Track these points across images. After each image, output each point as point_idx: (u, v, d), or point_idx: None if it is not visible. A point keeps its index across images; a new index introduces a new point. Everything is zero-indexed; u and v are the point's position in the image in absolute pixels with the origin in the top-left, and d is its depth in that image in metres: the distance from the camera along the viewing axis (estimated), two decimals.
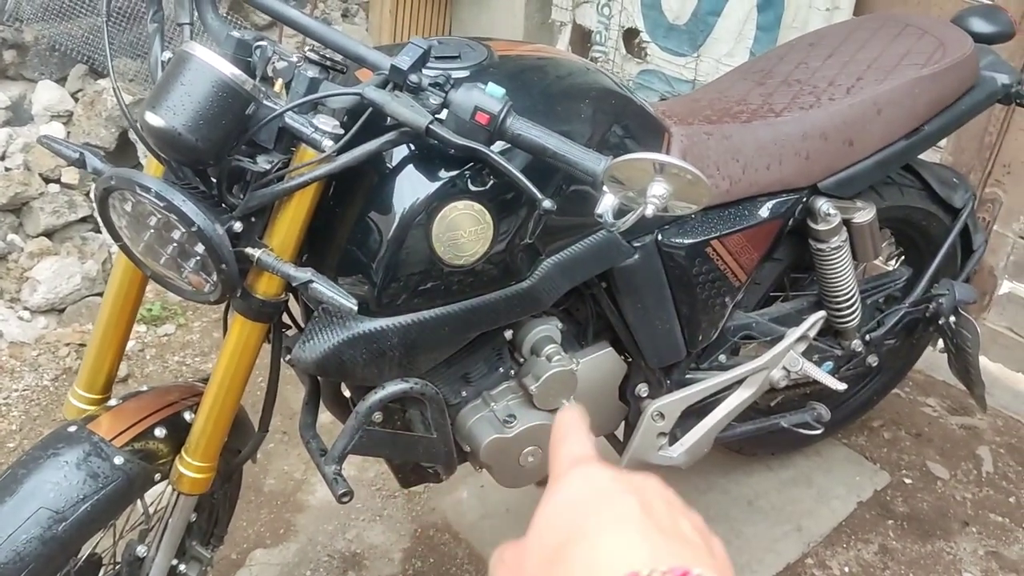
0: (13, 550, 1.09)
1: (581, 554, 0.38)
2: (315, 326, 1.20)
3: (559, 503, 0.42)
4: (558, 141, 1.03)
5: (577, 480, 0.43)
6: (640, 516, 0.39)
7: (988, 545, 2.00)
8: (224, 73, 0.97)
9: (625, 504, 0.40)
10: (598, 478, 0.43)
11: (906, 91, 1.58)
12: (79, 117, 2.67)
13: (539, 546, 0.41)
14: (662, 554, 0.37)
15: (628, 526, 0.39)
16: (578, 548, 0.38)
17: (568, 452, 0.47)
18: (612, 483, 0.42)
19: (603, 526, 0.39)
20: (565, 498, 0.42)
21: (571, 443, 0.47)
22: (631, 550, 0.37)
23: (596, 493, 0.41)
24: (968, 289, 1.86)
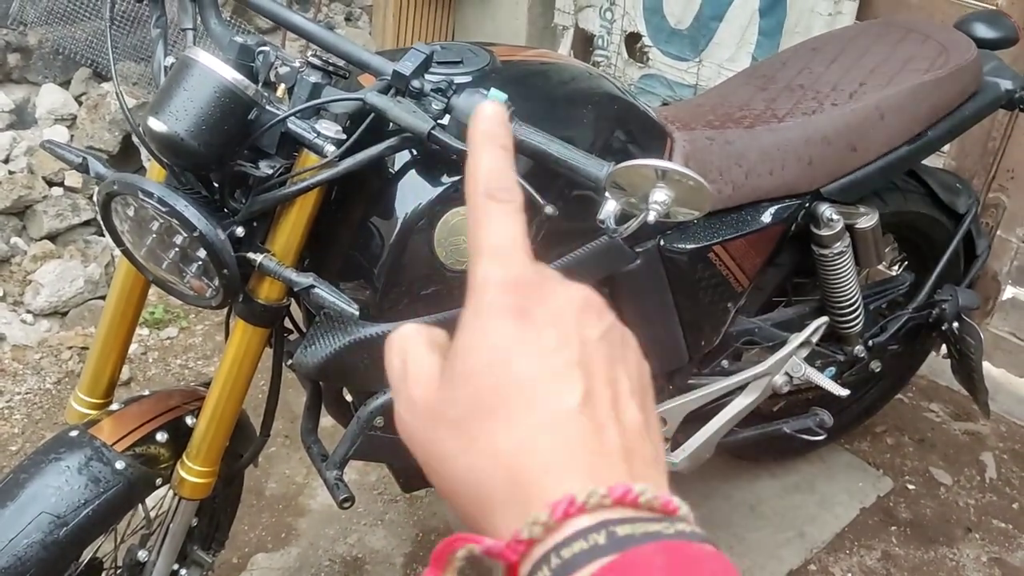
0: (14, 555, 1.09)
1: (510, 454, 0.33)
2: (317, 331, 1.20)
3: (484, 352, 0.34)
4: (560, 147, 1.03)
5: (507, 324, 0.35)
6: (579, 414, 0.33)
7: (991, 552, 1.99)
8: (227, 78, 0.97)
9: (566, 393, 0.34)
10: (535, 328, 0.35)
11: (909, 96, 1.58)
12: (83, 121, 2.68)
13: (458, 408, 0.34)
14: (603, 467, 0.33)
15: (565, 430, 0.33)
16: (506, 443, 0.33)
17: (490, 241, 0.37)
18: (553, 343, 0.34)
19: (534, 424, 0.33)
20: (491, 346, 0.34)
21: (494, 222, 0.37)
22: (567, 463, 0.32)
23: (534, 359, 0.34)
24: (971, 295, 1.86)
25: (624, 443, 0.34)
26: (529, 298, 0.35)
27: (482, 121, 0.39)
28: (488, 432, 0.33)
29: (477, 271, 0.36)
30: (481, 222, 0.37)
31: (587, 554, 0.31)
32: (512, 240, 0.37)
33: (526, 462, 0.33)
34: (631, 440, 0.35)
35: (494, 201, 0.37)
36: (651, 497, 0.32)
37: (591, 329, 0.36)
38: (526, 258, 0.37)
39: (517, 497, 0.32)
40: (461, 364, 0.35)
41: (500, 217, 0.37)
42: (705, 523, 0.36)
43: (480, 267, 0.36)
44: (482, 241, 0.37)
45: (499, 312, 0.35)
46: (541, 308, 0.35)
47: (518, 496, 0.32)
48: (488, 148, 0.38)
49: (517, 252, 0.37)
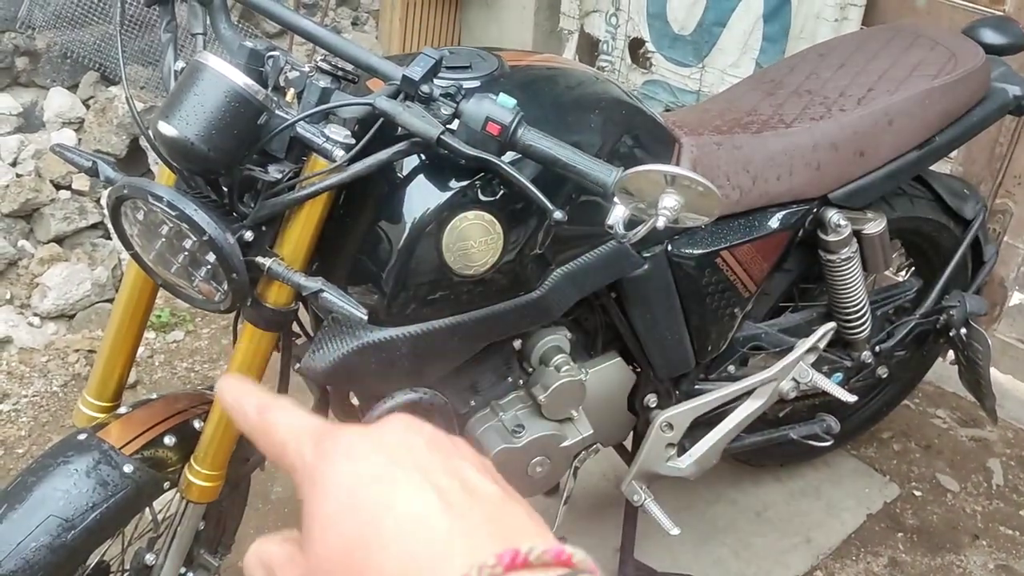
0: (22, 558, 1.09)
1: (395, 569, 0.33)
2: (325, 335, 1.20)
3: (329, 512, 0.35)
4: (569, 152, 1.03)
5: (334, 477, 0.36)
6: (439, 510, 0.34)
7: (998, 559, 1.98)
8: (237, 83, 0.97)
9: (419, 501, 0.34)
10: (362, 463, 0.36)
11: (917, 102, 1.58)
12: (90, 124, 2.68)
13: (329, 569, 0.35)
14: (479, 544, 0.33)
15: (431, 527, 0.34)
16: (386, 560, 0.33)
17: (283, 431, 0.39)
18: (383, 466, 0.36)
19: (404, 537, 0.33)
20: (334, 504, 0.35)
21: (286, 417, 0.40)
22: (447, 553, 0.33)
23: (374, 489, 0.35)
24: (979, 301, 1.85)
25: (492, 514, 0.35)
26: (345, 440, 0.37)
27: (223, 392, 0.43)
28: (369, 561, 0.33)
29: (287, 457, 0.39)
30: (268, 429, 0.40)
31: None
32: (300, 417, 0.40)
33: (413, 568, 0.33)
34: (497, 509, 0.35)
35: (269, 410, 0.41)
36: (541, 552, 0.32)
37: (414, 440, 0.37)
38: (320, 421, 0.39)
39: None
40: (316, 524, 0.36)
41: (281, 414, 0.40)
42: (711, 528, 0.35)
43: (288, 451, 0.39)
44: (279, 441, 0.39)
45: (326, 463, 0.37)
46: (359, 441, 0.37)
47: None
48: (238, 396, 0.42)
49: (310, 420, 0.39)
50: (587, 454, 1.48)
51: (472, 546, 0.33)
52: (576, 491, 1.55)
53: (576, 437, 1.40)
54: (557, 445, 1.39)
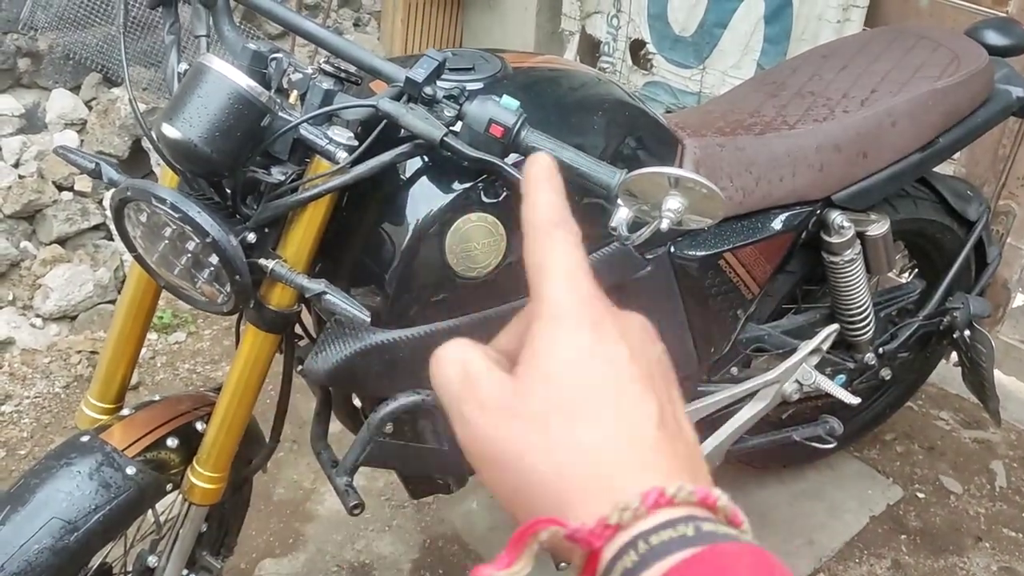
0: (25, 560, 1.09)
1: (595, 448, 0.35)
2: (327, 337, 1.20)
3: (564, 357, 0.37)
4: (572, 154, 1.03)
5: (585, 333, 0.37)
6: (657, 421, 0.36)
7: (1002, 561, 1.98)
8: (240, 85, 0.97)
9: (644, 401, 0.36)
10: (611, 340, 0.37)
11: (920, 103, 1.58)
12: (93, 125, 2.69)
13: (538, 405, 0.36)
14: (680, 470, 0.35)
15: (646, 430, 0.36)
16: (590, 437, 0.35)
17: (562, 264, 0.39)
18: (627, 358, 0.37)
19: (619, 421, 0.35)
20: (571, 352, 0.37)
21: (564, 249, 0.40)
22: (649, 461, 0.35)
23: (610, 367, 0.37)
24: (982, 302, 1.85)
25: (690, 455, 0.37)
26: (600, 315, 0.38)
27: (536, 165, 0.42)
28: (570, 427, 0.35)
29: (546, 290, 0.39)
30: (547, 248, 0.40)
31: (676, 543, 0.32)
32: (579, 265, 0.40)
33: (610, 457, 0.35)
34: (694, 454, 0.37)
35: (559, 230, 0.40)
36: (726, 504, 0.35)
37: (652, 351, 0.39)
38: (592, 282, 0.40)
39: (601, 488, 0.34)
40: (538, 366, 0.37)
41: (566, 245, 0.40)
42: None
43: (551, 286, 0.39)
44: (551, 264, 0.39)
45: (575, 323, 0.38)
46: (611, 324, 0.38)
47: (602, 487, 0.34)
48: (545, 186, 0.41)
49: (586, 276, 0.39)
50: None
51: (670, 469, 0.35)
52: None
53: None
54: None
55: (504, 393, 0.37)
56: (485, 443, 0.37)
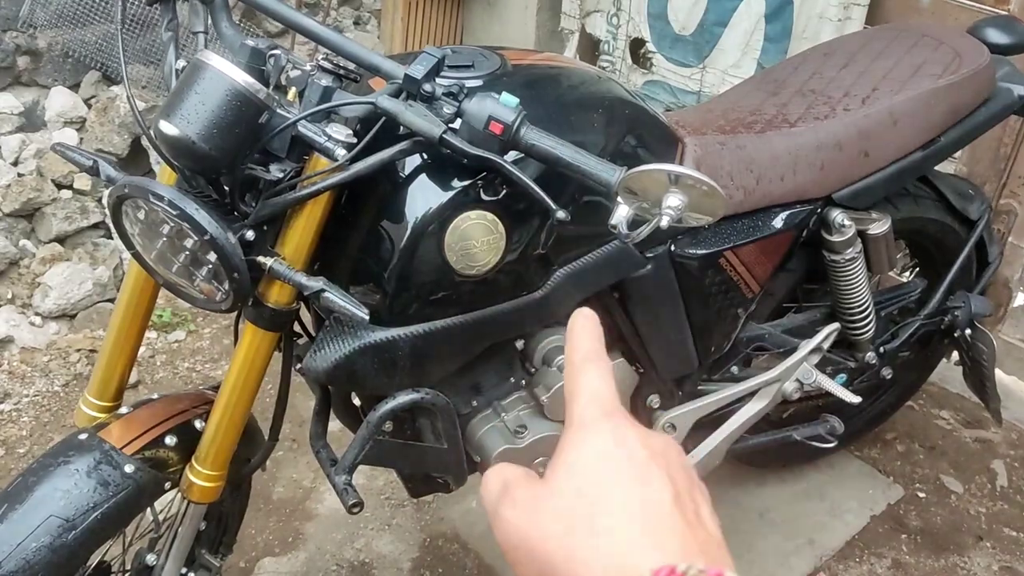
0: (23, 558, 1.08)
1: (610, 531, 0.38)
2: (326, 335, 1.19)
3: (587, 458, 0.41)
4: (572, 151, 1.02)
5: (607, 437, 0.42)
6: (671, 506, 0.39)
7: (1003, 560, 1.98)
8: (238, 82, 0.97)
9: (659, 489, 0.40)
10: (631, 442, 0.42)
11: (922, 102, 1.57)
12: (92, 123, 2.68)
13: (562, 500, 0.40)
14: (692, 551, 0.37)
15: (661, 515, 0.39)
16: (607, 522, 0.38)
17: (590, 388, 0.45)
18: (645, 457, 0.41)
19: (635, 508, 0.39)
20: (594, 454, 0.41)
21: (596, 377, 0.45)
22: (663, 542, 0.37)
23: (629, 464, 0.41)
24: (984, 302, 1.84)
25: (711, 542, 0.39)
26: (624, 425, 0.43)
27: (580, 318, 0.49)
28: (589, 515, 0.39)
29: (575, 408, 0.44)
30: (580, 378, 0.46)
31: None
32: (608, 388, 0.45)
33: (624, 538, 0.38)
34: (715, 546, 0.39)
35: (592, 364, 0.46)
36: (697, 572, 0.36)
37: (675, 460, 0.43)
38: (618, 403, 0.45)
39: (614, 568, 0.37)
40: (564, 466, 0.42)
41: (596, 374, 0.46)
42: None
43: (579, 405, 0.44)
44: (581, 389, 0.45)
45: (601, 433, 0.43)
46: (634, 433, 0.43)
47: (615, 566, 0.37)
48: (585, 334, 0.47)
49: (613, 397, 0.45)
50: None
51: (685, 550, 0.37)
52: None
53: None
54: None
55: (535, 492, 0.42)
56: (514, 533, 0.41)
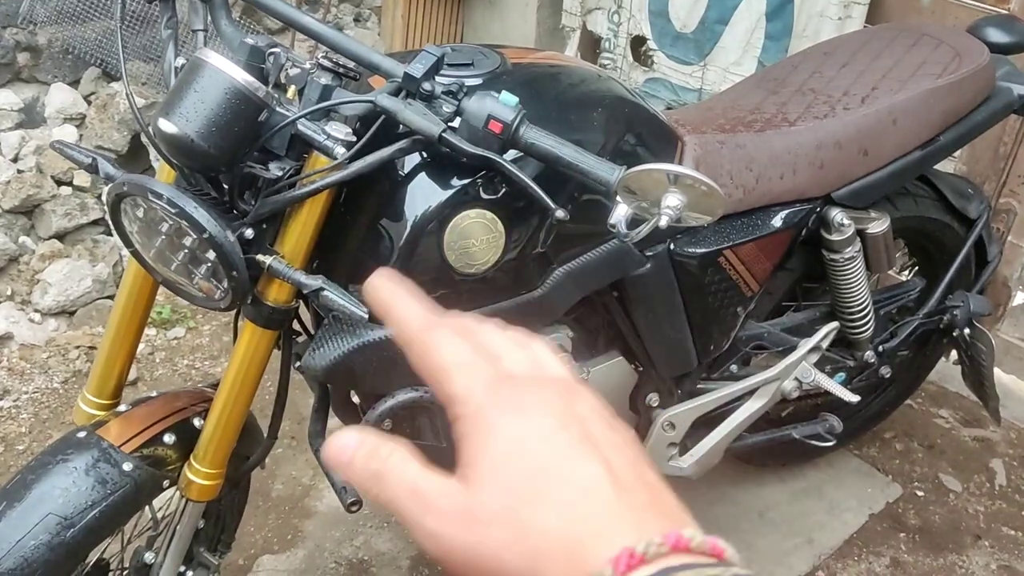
0: (21, 556, 1.08)
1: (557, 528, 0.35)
2: (325, 333, 1.19)
3: (499, 449, 0.37)
4: (571, 150, 1.02)
5: (507, 418, 0.38)
6: (609, 483, 0.35)
7: (1001, 559, 1.98)
8: (237, 80, 0.97)
9: (589, 470, 0.36)
10: (534, 414, 0.38)
11: (922, 101, 1.57)
12: (92, 120, 2.68)
13: (495, 501, 0.36)
14: (645, 522, 0.35)
15: (599, 497, 0.35)
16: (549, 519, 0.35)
17: (453, 361, 0.40)
18: (555, 427, 0.37)
19: (571, 494, 0.35)
20: (502, 441, 0.37)
21: (452, 347, 0.41)
22: (614, 524, 0.35)
23: (543, 442, 0.37)
24: (983, 301, 1.85)
25: (653, 498, 0.36)
26: (513, 394, 0.39)
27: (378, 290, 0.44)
28: (533, 515, 0.35)
29: (453, 388, 0.40)
30: (432, 351, 0.41)
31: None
32: (469, 352, 0.40)
33: (577, 531, 0.35)
34: (658, 495, 0.37)
35: (435, 330, 0.42)
36: (701, 541, 0.34)
37: (580, 408, 0.39)
38: (488, 364, 0.40)
39: (576, 566, 0.34)
40: (481, 464, 0.37)
41: (448, 340, 0.41)
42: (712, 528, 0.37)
43: (454, 383, 0.40)
44: (441, 363, 0.40)
45: (496, 411, 0.38)
46: (529, 398, 0.38)
47: (577, 564, 0.34)
48: (400, 300, 0.43)
49: (479, 361, 0.40)
50: None
51: (639, 521, 0.35)
52: None
53: None
54: None
55: (457, 499, 0.37)
56: (459, 552, 0.37)
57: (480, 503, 0.36)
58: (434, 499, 0.37)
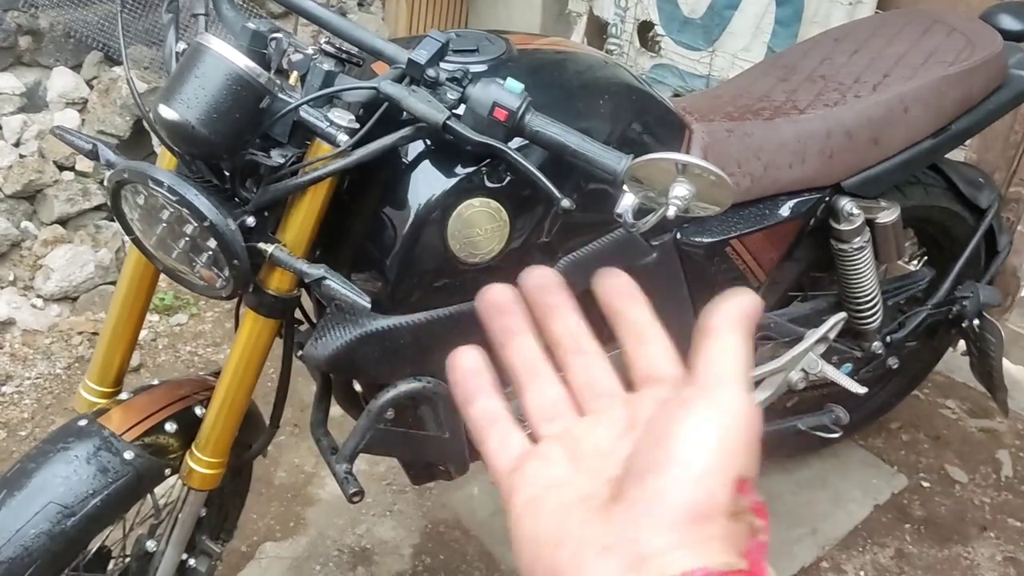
0: (21, 545, 1.08)
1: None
2: (327, 323, 1.18)
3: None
4: (578, 138, 1.01)
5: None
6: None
7: (1006, 551, 1.97)
8: (239, 66, 0.95)
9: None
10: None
11: (933, 89, 1.55)
12: (94, 105, 2.66)
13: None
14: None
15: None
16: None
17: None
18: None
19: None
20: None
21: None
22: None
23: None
24: (993, 291, 1.83)
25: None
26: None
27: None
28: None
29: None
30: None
31: None
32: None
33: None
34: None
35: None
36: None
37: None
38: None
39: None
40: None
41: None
42: None
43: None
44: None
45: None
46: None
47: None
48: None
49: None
50: None
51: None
52: None
53: None
54: None
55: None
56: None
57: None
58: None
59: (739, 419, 0.35)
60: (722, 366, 0.36)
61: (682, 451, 0.34)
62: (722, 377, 0.36)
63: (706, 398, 0.35)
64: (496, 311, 0.43)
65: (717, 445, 0.34)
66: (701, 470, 0.33)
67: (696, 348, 0.37)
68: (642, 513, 0.33)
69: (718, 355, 0.37)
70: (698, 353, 0.37)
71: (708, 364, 0.36)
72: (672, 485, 0.33)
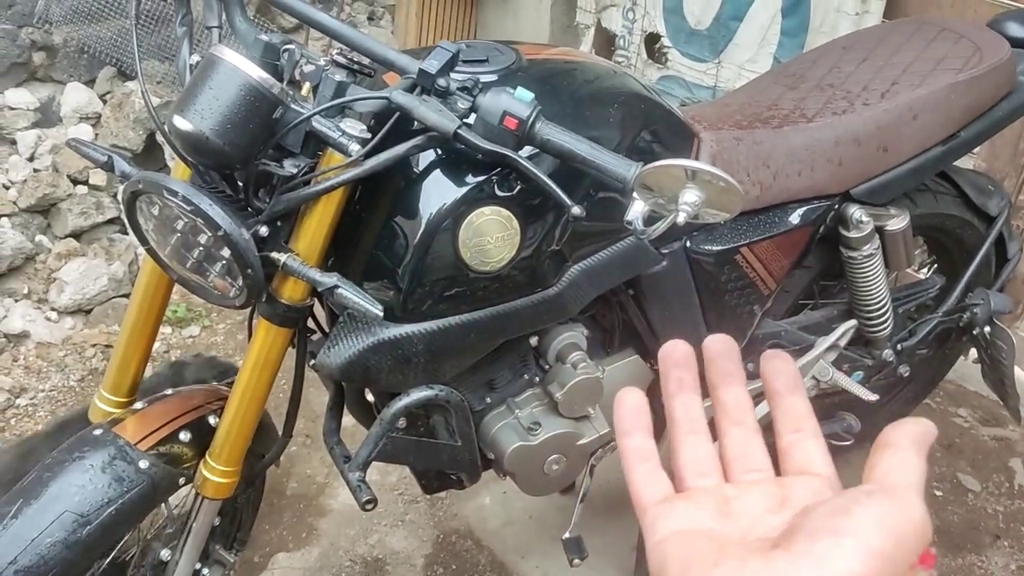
0: (37, 553, 1.09)
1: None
2: (340, 332, 1.19)
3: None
4: (587, 147, 1.01)
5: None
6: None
7: (1020, 559, 1.96)
8: (252, 77, 0.96)
9: None
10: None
11: (942, 96, 1.55)
12: (107, 119, 2.69)
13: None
14: None
15: None
16: None
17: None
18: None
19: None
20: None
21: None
22: None
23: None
24: (1004, 299, 1.82)
25: None
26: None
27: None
28: None
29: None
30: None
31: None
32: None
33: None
34: None
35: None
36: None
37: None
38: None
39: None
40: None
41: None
42: None
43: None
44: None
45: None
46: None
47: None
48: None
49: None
50: (604, 452, 1.46)
51: None
52: (593, 489, 1.53)
53: (593, 435, 1.39)
54: (574, 443, 1.38)
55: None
56: None
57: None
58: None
59: (914, 520, 0.36)
60: (902, 474, 0.39)
61: (860, 528, 0.35)
62: (902, 482, 0.38)
63: (886, 493, 0.37)
64: (674, 363, 0.46)
65: (894, 534, 0.35)
66: (875, 550, 0.34)
67: (874, 458, 0.40)
68: (809, 568, 0.34)
69: (899, 464, 0.39)
70: (877, 462, 0.40)
71: (888, 470, 0.39)
72: (844, 553, 0.34)
